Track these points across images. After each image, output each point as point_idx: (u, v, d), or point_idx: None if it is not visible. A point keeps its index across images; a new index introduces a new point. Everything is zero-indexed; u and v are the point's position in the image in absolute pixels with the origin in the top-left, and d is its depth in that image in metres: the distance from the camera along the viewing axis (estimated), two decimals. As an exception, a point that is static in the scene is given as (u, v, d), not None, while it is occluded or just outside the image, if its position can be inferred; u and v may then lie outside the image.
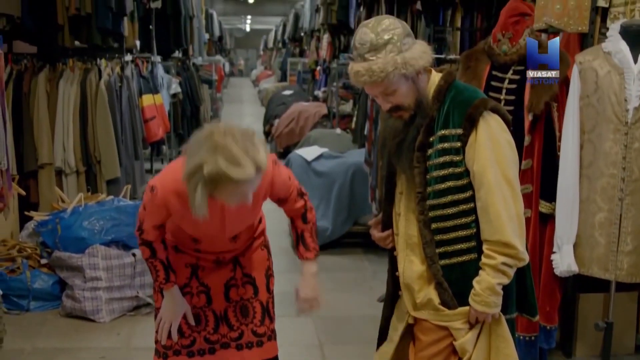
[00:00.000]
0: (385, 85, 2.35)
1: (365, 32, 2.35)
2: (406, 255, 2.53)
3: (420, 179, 2.42)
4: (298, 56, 18.86)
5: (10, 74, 5.56)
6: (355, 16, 8.41)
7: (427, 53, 2.39)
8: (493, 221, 2.33)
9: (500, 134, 2.37)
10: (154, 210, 2.57)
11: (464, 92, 2.43)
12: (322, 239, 6.16)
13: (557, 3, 3.65)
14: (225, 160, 2.27)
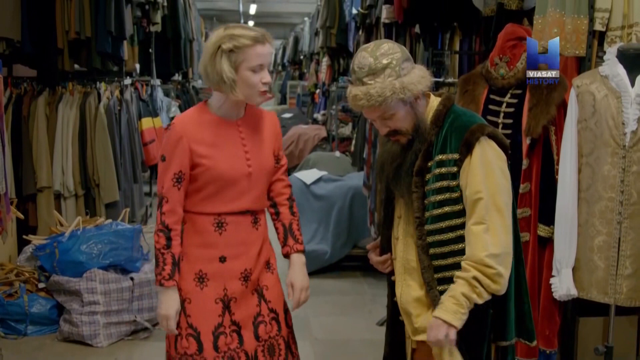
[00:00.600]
0: (383, 109, 2.36)
1: (364, 56, 2.36)
2: (404, 280, 2.52)
3: (418, 203, 2.41)
4: (298, 79, 18.93)
5: (9, 97, 5.57)
6: (354, 39, 8.45)
7: (425, 78, 2.40)
8: (473, 243, 2.31)
9: (495, 161, 2.36)
10: (172, 151, 2.59)
11: (462, 117, 2.43)
12: (320, 262, 6.17)
13: (554, 27, 3.66)
14: (239, 29, 2.59)
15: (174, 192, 2.63)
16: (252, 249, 2.75)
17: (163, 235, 2.63)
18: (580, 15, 3.59)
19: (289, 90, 18.96)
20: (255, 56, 2.57)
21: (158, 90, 8.49)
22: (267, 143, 2.80)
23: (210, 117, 2.67)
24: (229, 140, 2.68)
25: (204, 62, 2.62)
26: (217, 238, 2.68)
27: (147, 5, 7.50)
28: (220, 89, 2.61)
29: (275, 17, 25.83)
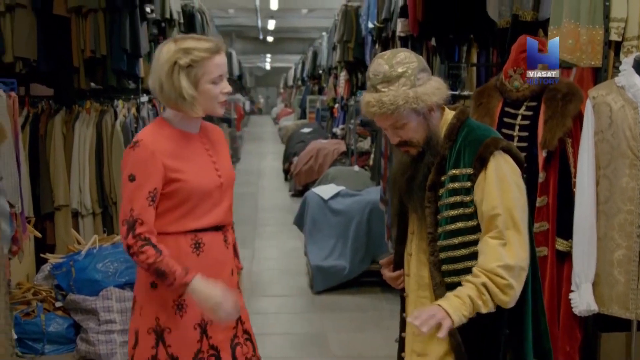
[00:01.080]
0: (395, 118, 2.33)
1: (379, 64, 2.34)
2: (417, 297, 2.48)
3: (431, 219, 2.38)
4: (317, 94, 18.94)
5: (27, 116, 5.60)
6: (371, 53, 8.42)
7: (441, 90, 2.36)
8: (487, 254, 2.26)
9: (510, 175, 2.33)
10: (144, 168, 2.48)
11: (476, 131, 2.39)
12: (339, 277, 6.15)
13: (569, 38, 3.62)
14: (191, 41, 2.53)
15: (150, 212, 2.50)
16: (226, 269, 2.71)
17: (149, 247, 2.46)
18: (596, 26, 3.55)
19: (309, 104, 18.98)
20: (215, 67, 2.53)
21: (176, 107, 8.49)
22: (226, 154, 2.78)
23: (173, 131, 2.60)
24: (196, 152, 2.63)
25: (158, 80, 2.53)
26: (195, 260, 2.59)
27: (164, 22, 7.52)
28: (177, 106, 2.54)
29: (294, 32, 25.98)
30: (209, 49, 2.52)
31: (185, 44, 2.51)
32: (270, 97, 45.71)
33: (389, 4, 6.92)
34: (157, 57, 2.55)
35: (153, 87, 2.56)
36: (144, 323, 2.59)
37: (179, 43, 2.52)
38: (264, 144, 21.74)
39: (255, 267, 7.28)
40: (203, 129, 2.71)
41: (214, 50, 2.53)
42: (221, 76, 2.56)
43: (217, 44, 2.55)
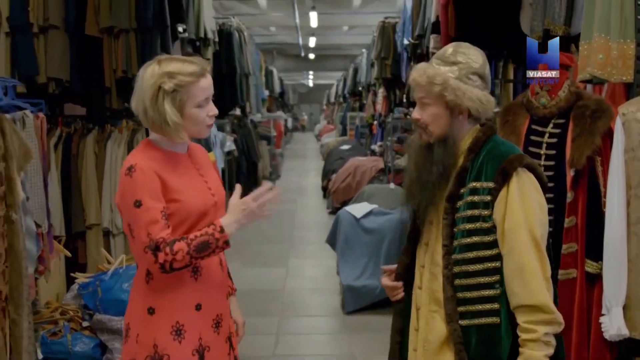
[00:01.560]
0: (425, 92, 2.33)
1: (451, 45, 2.37)
2: (429, 311, 2.41)
3: (447, 231, 2.33)
4: (358, 110, 18.91)
5: (59, 136, 5.65)
6: (407, 70, 8.35)
7: (482, 103, 2.32)
8: (530, 283, 2.21)
9: (532, 193, 2.28)
10: (148, 191, 2.40)
11: (500, 147, 2.36)
12: (371, 297, 6.06)
13: (599, 53, 3.51)
14: (175, 63, 2.45)
15: (167, 231, 2.41)
16: (222, 292, 2.66)
17: (180, 245, 2.38)
18: (627, 40, 3.44)
19: (349, 121, 18.96)
20: (201, 91, 2.47)
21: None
22: (215, 172, 2.75)
23: (163, 152, 2.53)
24: (189, 172, 2.58)
25: (142, 104, 2.46)
26: (193, 284, 2.53)
27: (198, 41, 7.55)
28: (162, 131, 2.48)
29: (336, 49, 26.07)
30: (194, 72, 2.45)
31: (169, 66, 2.44)
32: (313, 114, 45.86)
33: (422, 20, 6.87)
34: (140, 78, 2.48)
35: (136, 110, 2.50)
36: (141, 351, 2.52)
37: (163, 65, 2.45)
38: (306, 161, 21.76)
39: (289, 285, 7.24)
40: (190, 149, 2.67)
41: (199, 74, 2.46)
42: (207, 99, 2.50)
43: (202, 67, 2.48)
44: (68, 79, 5.52)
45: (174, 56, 2.53)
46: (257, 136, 13.24)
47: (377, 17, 11.24)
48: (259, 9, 16.94)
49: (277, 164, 16.15)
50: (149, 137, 2.58)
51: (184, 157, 2.60)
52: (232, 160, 10.29)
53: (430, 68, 2.33)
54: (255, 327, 5.79)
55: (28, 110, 4.14)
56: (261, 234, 9.88)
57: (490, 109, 2.36)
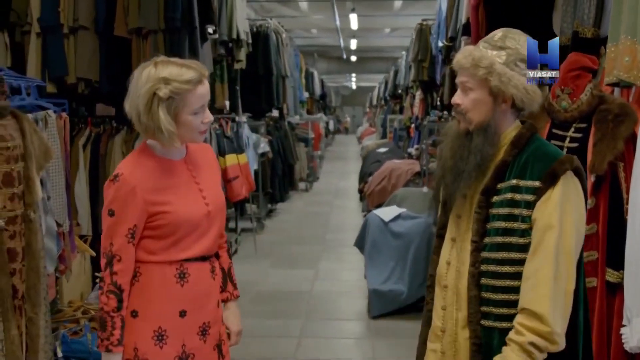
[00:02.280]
0: (468, 76, 2.24)
1: (500, 30, 2.29)
2: (455, 311, 2.31)
3: (478, 226, 2.23)
4: (398, 113, 18.81)
5: (88, 136, 5.69)
6: (441, 72, 8.26)
7: (529, 93, 2.25)
8: (538, 288, 2.10)
9: (576, 200, 2.18)
10: (123, 204, 2.39)
11: (548, 146, 2.28)
12: (397, 302, 5.99)
13: (626, 55, 3.40)
14: (172, 67, 2.37)
15: (129, 249, 2.43)
16: (212, 301, 2.61)
17: (114, 297, 2.41)
18: (654, 42, 3.33)
19: (389, 124, 18.88)
20: (197, 99, 2.42)
21: (244, 126, 8.54)
22: (215, 177, 2.68)
23: (157, 160, 2.50)
24: (182, 181, 2.53)
25: (136, 109, 2.42)
26: (179, 290, 2.50)
27: (231, 42, 7.56)
28: (155, 137, 2.44)
29: (377, 51, 26.01)
30: (191, 80, 2.39)
31: (166, 71, 2.38)
32: (356, 116, 45.81)
33: (455, 22, 6.78)
34: (136, 80, 2.44)
35: (129, 113, 2.47)
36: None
37: (159, 69, 2.39)
38: (346, 163, 21.72)
39: (317, 288, 7.20)
40: (189, 152, 2.62)
41: (196, 81, 2.41)
42: (203, 106, 2.46)
43: (200, 73, 2.42)
44: (97, 79, 5.56)
45: (172, 59, 2.45)
46: (294, 138, 13.24)
47: (418, 19, 11.17)
48: (299, 11, 16.98)
49: (314, 166, 16.12)
50: (147, 142, 2.55)
51: (179, 165, 2.56)
52: (267, 162, 10.28)
53: (477, 51, 2.24)
54: (278, 329, 5.77)
55: (51, 110, 4.16)
56: (294, 235, 9.88)
57: (536, 100, 2.27)
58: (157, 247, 2.49)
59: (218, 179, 2.72)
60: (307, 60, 19.60)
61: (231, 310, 2.78)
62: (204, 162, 2.67)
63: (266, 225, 10.35)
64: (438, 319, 2.38)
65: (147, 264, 2.49)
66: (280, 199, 11.73)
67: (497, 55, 2.22)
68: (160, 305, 2.49)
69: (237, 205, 8.17)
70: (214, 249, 2.64)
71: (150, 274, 2.48)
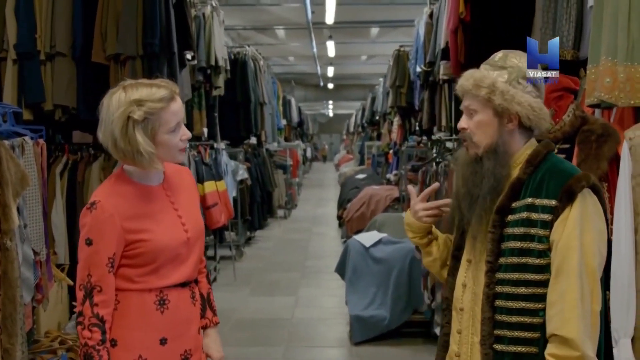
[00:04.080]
0: (471, 98, 2.21)
1: (501, 51, 2.29)
2: (471, 335, 2.25)
3: (493, 246, 2.18)
4: (376, 139, 18.87)
5: (65, 163, 5.62)
6: (420, 98, 8.29)
7: (535, 110, 2.21)
8: (565, 312, 2.05)
9: (595, 218, 2.14)
10: (101, 233, 2.33)
11: (563, 163, 2.24)
12: (379, 328, 5.94)
13: (606, 76, 3.42)
14: (142, 89, 2.32)
15: (109, 279, 2.36)
16: (192, 328, 2.56)
17: (98, 330, 2.33)
18: (634, 63, 3.34)
19: (366, 150, 18.92)
20: (172, 116, 2.38)
21: (223, 153, 8.49)
22: (194, 201, 2.63)
23: (134, 187, 2.45)
24: (160, 207, 2.47)
25: (111, 135, 2.35)
26: (159, 318, 2.44)
27: (209, 69, 7.54)
28: (134, 162, 2.38)
29: (354, 78, 26.16)
30: (163, 98, 2.35)
31: (136, 93, 2.33)
32: (333, 144, 45.91)
33: (434, 47, 6.81)
34: (106, 107, 2.37)
35: (104, 142, 2.40)
36: None
37: (129, 93, 2.34)
38: (323, 191, 21.72)
39: (297, 315, 7.13)
40: (169, 176, 2.57)
41: (168, 98, 2.36)
42: (179, 123, 2.41)
43: (171, 90, 2.39)
44: (74, 106, 5.49)
45: (139, 81, 2.41)
46: (272, 165, 13.20)
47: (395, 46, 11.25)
48: (277, 38, 17.05)
49: (293, 194, 16.08)
50: (123, 167, 2.49)
51: (156, 190, 2.50)
52: (245, 189, 10.23)
53: (478, 72, 2.23)
54: (259, 356, 5.70)
55: (27, 137, 4.10)
56: (273, 262, 9.82)
57: (544, 118, 2.24)
58: (135, 275, 2.43)
59: (196, 202, 2.67)
60: (285, 87, 19.63)
61: (211, 337, 2.72)
62: (182, 185, 2.62)
63: (245, 252, 10.28)
64: (455, 343, 2.33)
65: (125, 292, 2.42)
66: (258, 226, 11.68)
67: (499, 74, 2.21)
68: (140, 334, 2.42)
69: (215, 232, 8.10)
70: (194, 275, 2.58)
71: (129, 302, 2.42)
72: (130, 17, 5.29)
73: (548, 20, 4.41)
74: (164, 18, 5.42)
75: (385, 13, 13.65)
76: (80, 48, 5.32)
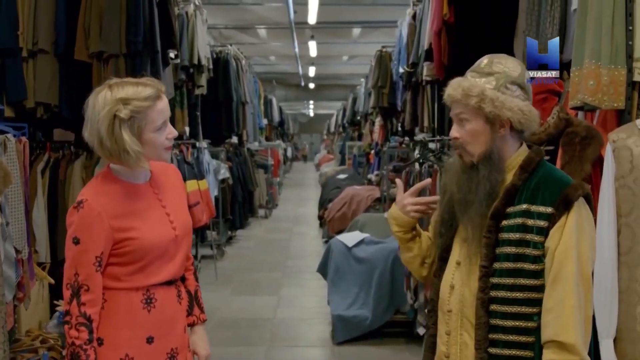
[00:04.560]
0: (461, 108, 2.20)
1: (486, 57, 2.26)
2: (460, 336, 2.27)
3: (487, 251, 2.19)
4: (357, 139, 18.90)
5: (47, 161, 5.58)
6: (402, 98, 8.31)
7: (525, 113, 2.21)
8: (564, 318, 2.09)
9: (588, 226, 2.19)
10: (89, 231, 2.32)
11: (556, 171, 2.28)
12: (361, 328, 5.95)
13: (590, 79, 3.44)
14: (128, 87, 2.32)
15: (96, 278, 2.34)
16: (179, 326, 2.56)
17: (85, 329, 2.31)
18: (618, 66, 3.37)
19: (347, 150, 18.94)
20: (158, 115, 2.37)
21: (205, 152, 8.47)
22: (181, 198, 2.62)
23: (121, 185, 2.44)
24: (148, 205, 2.47)
25: (97, 134, 2.33)
26: (146, 316, 2.43)
27: (192, 68, 7.52)
28: (120, 161, 2.37)
29: (336, 78, 26.17)
30: (149, 96, 2.34)
31: (122, 92, 2.32)
32: (314, 144, 45.91)
33: (417, 48, 6.83)
34: (92, 106, 2.36)
35: (90, 141, 2.38)
36: None
37: (115, 91, 2.33)
38: (304, 190, 21.71)
39: (279, 315, 7.13)
40: (155, 174, 2.56)
41: (154, 97, 2.36)
42: (165, 122, 2.41)
43: (157, 89, 2.38)
44: (57, 103, 5.45)
45: (125, 80, 2.40)
46: (253, 165, 13.18)
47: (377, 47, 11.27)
48: (258, 38, 17.02)
49: (274, 193, 16.06)
50: (110, 166, 2.48)
51: (144, 188, 2.50)
52: (227, 188, 10.21)
53: (465, 81, 2.22)
54: (242, 356, 5.69)
55: (10, 134, 4.07)
56: (254, 262, 9.81)
57: (534, 120, 2.25)
58: (122, 273, 2.41)
59: (184, 199, 2.66)
60: (266, 87, 19.60)
61: (198, 334, 2.72)
62: (169, 183, 2.61)
63: (226, 251, 10.26)
64: (443, 344, 2.34)
65: (112, 291, 2.41)
66: (240, 226, 11.65)
67: (487, 81, 2.21)
68: (127, 332, 2.41)
69: (197, 231, 8.09)
70: (181, 273, 2.58)
71: (116, 300, 2.41)
72: (114, 14, 5.26)
73: (532, 23, 4.44)
74: (147, 16, 5.40)
75: (367, 14, 13.67)
76: (63, 45, 5.30)
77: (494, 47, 5.01)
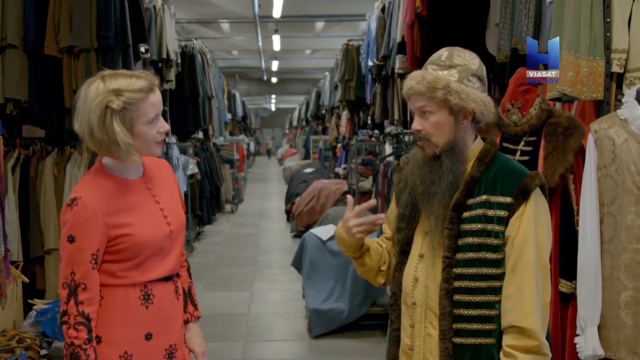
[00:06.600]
0: (426, 101, 2.21)
1: (444, 50, 2.26)
2: (424, 328, 2.28)
3: (450, 242, 2.22)
4: (321, 134, 18.89)
5: (17, 158, 5.48)
6: (372, 92, 8.34)
7: (486, 105, 2.24)
8: (524, 304, 2.13)
9: (545, 215, 2.23)
10: (84, 229, 2.28)
11: (512, 162, 2.32)
12: (338, 321, 5.96)
13: (569, 70, 3.49)
14: (121, 79, 2.29)
15: (93, 275, 2.31)
16: (177, 322, 2.54)
17: (84, 329, 2.28)
18: (596, 57, 3.42)
19: (312, 145, 18.93)
20: (150, 107, 2.33)
21: (174, 148, 8.40)
22: (174, 193, 2.60)
23: (114, 181, 2.41)
24: (143, 201, 2.43)
25: (88, 124, 2.30)
26: (144, 313, 2.40)
27: (160, 62, 7.45)
28: (111, 153, 2.34)
29: (298, 73, 26.10)
30: (142, 88, 2.30)
31: (115, 83, 2.29)
32: (276, 138, 45.82)
33: (387, 41, 6.85)
34: (84, 97, 2.32)
35: (81, 131, 2.34)
36: None
37: (108, 82, 2.29)
38: (268, 185, 21.68)
39: (253, 310, 7.10)
40: (146, 170, 2.52)
41: (147, 89, 2.32)
42: (157, 115, 2.37)
43: (150, 81, 2.34)
44: (26, 99, 5.36)
45: (118, 71, 2.36)
46: (219, 160, 13.11)
47: (340, 41, 11.25)
48: (221, 32, 16.88)
49: (239, 188, 16.01)
50: (102, 162, 2.44)
51: (137, 184, 2.46)
52: (195, 184, 10.14)
53: (428, 74, 2.21)
54: (219, 352, 5.65)
55: (-17, 131, 4.00)
56: (225, 257, 9.76)
57: (491, 111, 2.27)
58: (118, 270, 2.38)
59: (177, 194, 2.62)
60: (229, 82, 19.47)
61: (193, 331, 2.69)
62: (162, 178, 2.58)
63: (196, 247, 10.20)
64: (407, 337, 2.35)
65: (109, 288, 2.37)
66: (208, 221, 11.59)
67: (449, 74, 2.22)
68: (125, 329, 2.38)
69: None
70: (177, 268, 2.55)
71: (113, 297, 2.37)
72: (84, 8, 5.19)
73: (506, 15, 4.48)
74: (118, 10, 5.33)
75: (331, 7, 13.64)
76: (32, 40, 5.20)
77: (466, 40, 5.08)
